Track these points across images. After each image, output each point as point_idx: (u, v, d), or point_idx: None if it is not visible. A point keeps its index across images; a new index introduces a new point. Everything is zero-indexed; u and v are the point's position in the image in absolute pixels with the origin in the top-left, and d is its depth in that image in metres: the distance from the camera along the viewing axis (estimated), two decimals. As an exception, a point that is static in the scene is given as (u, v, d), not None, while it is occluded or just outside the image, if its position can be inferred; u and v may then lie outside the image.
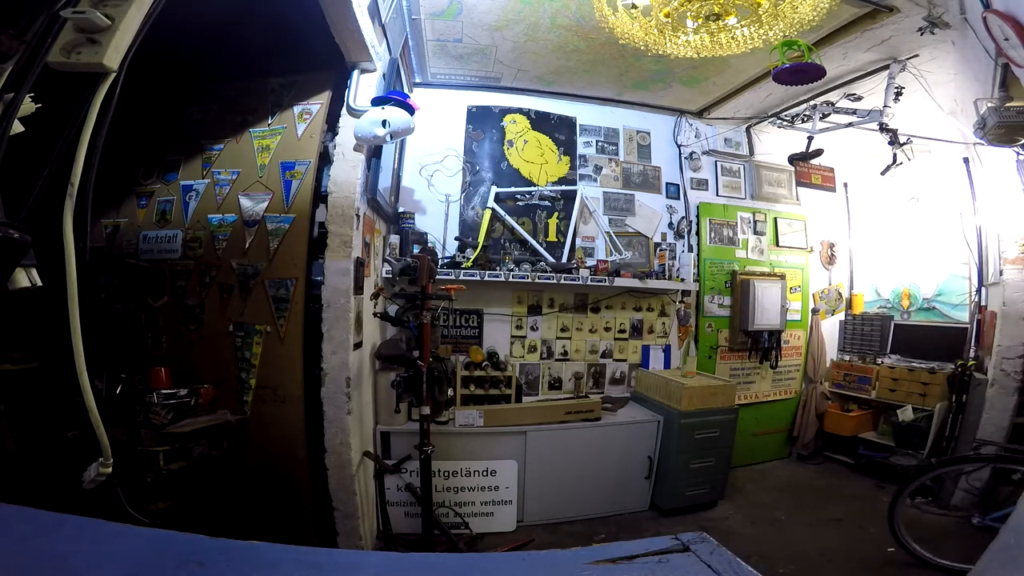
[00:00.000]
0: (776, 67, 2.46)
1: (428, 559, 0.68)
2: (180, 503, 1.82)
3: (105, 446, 0.98)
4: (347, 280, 2.16)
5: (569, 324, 3.47)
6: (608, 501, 2.99)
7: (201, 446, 1.93)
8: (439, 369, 2.21)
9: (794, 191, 4.11)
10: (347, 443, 2.17)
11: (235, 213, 2.23)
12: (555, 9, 2.46)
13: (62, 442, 1.65)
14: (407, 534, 2.62)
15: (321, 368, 2.14)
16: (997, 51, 1.84)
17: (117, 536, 0.50)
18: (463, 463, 2.77)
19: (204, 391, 2.05)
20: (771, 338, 3.85)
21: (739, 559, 0.52)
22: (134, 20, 0.89)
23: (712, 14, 1.87)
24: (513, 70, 3.17)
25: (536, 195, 3.41)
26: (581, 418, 2.97)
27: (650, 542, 0.55)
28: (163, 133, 2.39)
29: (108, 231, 2.33)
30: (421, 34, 2.76)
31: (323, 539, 2.22)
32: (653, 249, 3.65)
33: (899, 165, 3.19)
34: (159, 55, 1.52)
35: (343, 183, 2.18)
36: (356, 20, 1.89)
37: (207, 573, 0.45)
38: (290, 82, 2.32)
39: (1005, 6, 1.65)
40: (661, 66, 3.04)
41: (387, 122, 2.10)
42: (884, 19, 2.36)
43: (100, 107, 0.87)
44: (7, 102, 0.81)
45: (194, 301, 2.21)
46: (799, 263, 4.11)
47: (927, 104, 2.97)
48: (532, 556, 0.55)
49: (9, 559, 0.44)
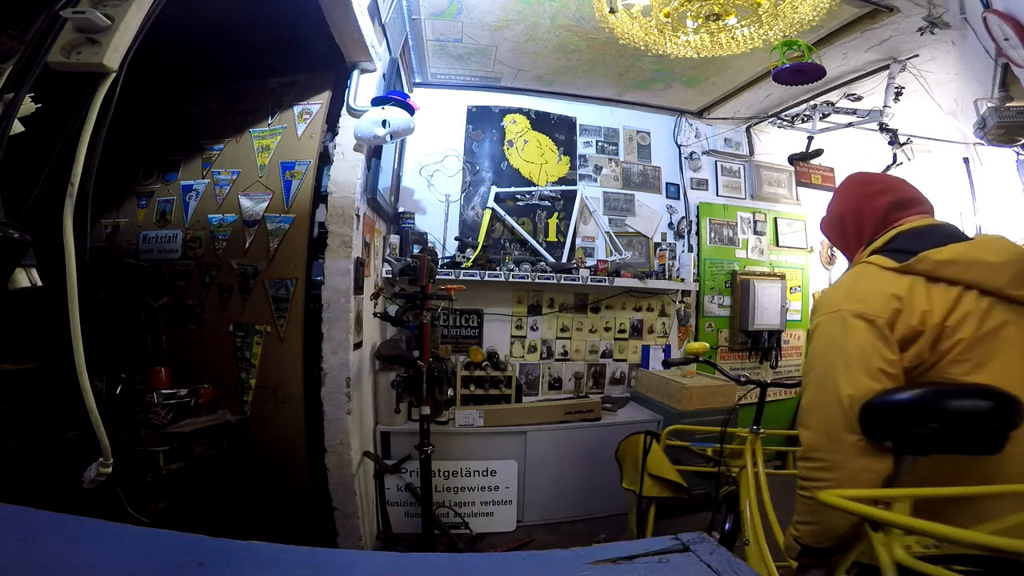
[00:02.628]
0: (776, 67, 2.46)
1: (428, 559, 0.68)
2: (180, 503, 1.82)
3: (105, 446, 0.98)
4: (347, 280, 2.16)
5: (569, 324, 3.47)
6: (608, 501, 2.98)
7: (201, 446, 1.92)
8: (439, 369, 2.21)
9: (794, 191, 4.11)
10: (347, 443, 2.17)
11: (235, 213, 2.23)
12: (555, 9, 2.46)
13: (62, 442, 1.65)
14: (407, 534, 2.62)
15: (321, 368, 2.14)
16: (997, 51, 1.84)
17: (117, 536, 0.50)
18: (463, 463, 2.77)
19: (204, 391, 2.05)
20: (771, 338, 3.85)
21: (739, 559, 0.52)
22: (134, 20, 0.89)
23: (712, 14, 1.87)
24: (513, 70, 3.17)
25: (536, 195, 3.41)
26: (581, 418, 2.97)
27: (650, 542, 0.55)
28: (163, 133, 2.38)
29: (108, 231, 2.33)
30: (421, 34, 2.76)
31: (323, 539, 2.22)
32: (653, 249, 3.65)
33: (899, 165, 3.19)
34: (159, 55, 1.52)
35: (343, 183, 2.18)
36: (356, 20, 1.89)
37: (207, 573, 0.45)
38: (290, 82, 2.32)
39: (1005, 6, 1.65)
40: (661, 66, 3.04)
41: (387, 122, 2.10)
42: (884, 19, 2.36)
43: (100, 107, 0.86)
44: (7, 102, 0.81)
45: (194, 301, 2.21)
46: (799, 263, 4.11)
47: (927, 104, 2.97)
48: (532, 556, 0.55)
49: (9, 559, 0.44)
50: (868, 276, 1.09)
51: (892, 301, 1.00)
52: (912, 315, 0.98)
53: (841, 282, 1.17)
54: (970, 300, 0.98)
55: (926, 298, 0.99)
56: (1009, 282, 0.98)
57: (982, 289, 0.99)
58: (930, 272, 1.01)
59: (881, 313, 0.99)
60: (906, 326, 0.98)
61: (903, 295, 1.00)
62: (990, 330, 0.97)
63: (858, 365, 0.98)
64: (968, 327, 0.97)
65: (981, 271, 0.99)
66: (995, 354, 0.96)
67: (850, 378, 0.98)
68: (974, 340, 0.96)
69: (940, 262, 1.01)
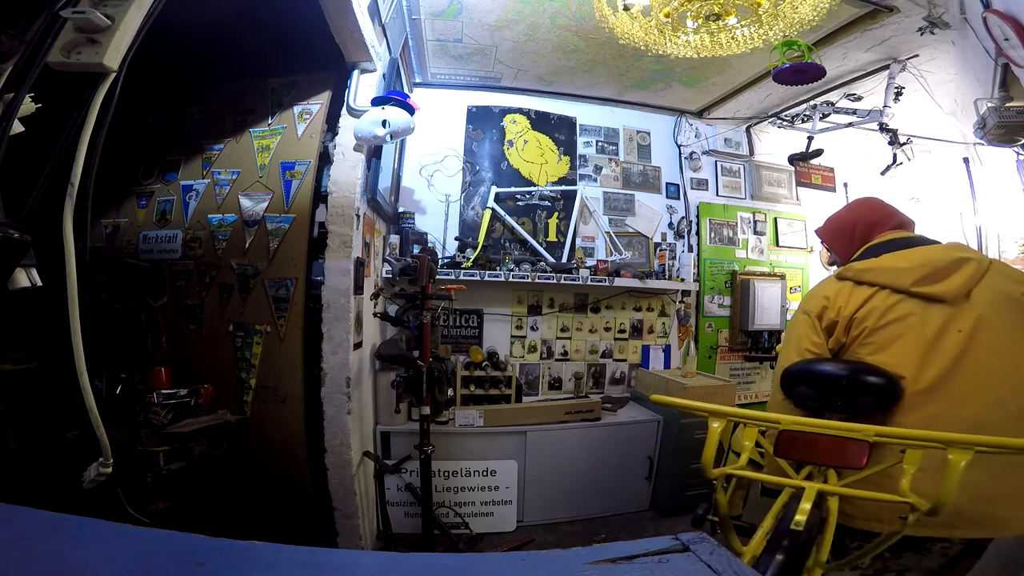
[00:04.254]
0: (776, 67, 2.46)
1: (428, 559, 0.68)
2: (180, 503, 1.82)
3: (105, 446, 0.98)
4: (347, 280, 2.16)
5: (569, 324, 3.47)
6: (608, 501, 2.98)
7: (201, 446, 1.92)
8: (439, 369, 2.20)
9: (794, 191, 4.11)
10: (347, 443, 2.17)
11: (235, 213, 2.23)
12: (555, 9, 2.46)
13: (62, 442, 1.65)
14: (407, 534, 2.62)
15: (321, 368, 2.14)
16: (997, 51, 1.84)
17: (117, 536, 0.50)
18: (463, 463, 2.77)
19: (204, 391, 2.05)
20: (771, 338, 3.85)
21: (739, 559, 0.52)
22: (134, 20, 0.89)
23: (712, 14, 1.87)
24: (513, 70, 3.17)
25: (536, 195, 3.41)
26: (581, 418, 2.97)
27: (650, 542, 0.55)
28: (163, 133, 2.38)
29: (108, 231, 2.33)
30: (421, 34, 2.76)
31: (323, 539, 2.22)
32: (653, 249, 3.65)
33: (899, 165, 3.19)
34: (159, 55, 1.52)
35: (343, 183, 2.18)
36: (356, 20, 1.89)
37: (207, 573, 0.45)
38: (290, 82, 2.32)
39: (1005, 6, 1.65)
40: (661, 66, 3.04)
41: (387, 122, 2.10)
42: (884, 19, 2.36)
43: (100, 107, 0.86)
44: (7, 102, 0.81)
45: (194, 301, 2.21)
46: (799, 263, 4.11)
47: (927, 104, 2.97)
48: (532, 556, 0.55)
49: (9, 559, 0.44)
50: (823, 283, 1.47)
51: (822, 300, 1.39)
52: (832, 310, 1.35)
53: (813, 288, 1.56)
54: (880, 297, 1.29)
55: (847, 297, 1.34)
56: (913, 283, 1.26)
57: (893, 288, 1.28)
58: (854, 278, 1.36)
59: (814, 309, 1.39)
60: (828, 318, 1.36)
61: (830, 295, 1.37)
62: (893, 319, 1.26)
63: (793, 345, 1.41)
64: (872, 318, 1.28)
65: (890, 275, 1.30)
66: (897, 338, 1.24)
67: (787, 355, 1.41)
68: (875, 328, 1.27)
69: (860, 270, 1.36)
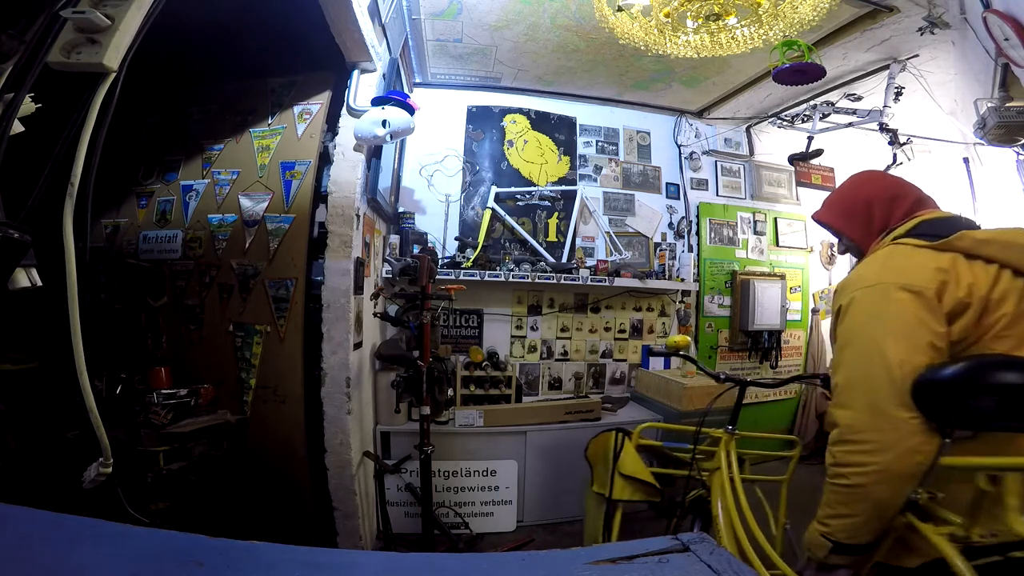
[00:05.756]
0: (776, 67, 2.46)
1: (428, 559, 0.68)
2: (180, 503, 1.82)
3: (105, 446, 0.98)
4: (347, 280, 2.16)
5: (569, 324, 3.47)
6: (608, 501, 2.98)
7: (201, 446, 1.92)
8: (439, 369, 2.20)
9: (794, 191, 4.11)
10: (347, 443, 2.17)
11: (235, 213, 2.23)
12: (555, 9, 2.46)
13: (62, 442, 1.65)
14: (407, 534, 2.62)
15: (321, 368, 2.14)
16: (997, 51, 1.84)
17: (117, 536, 0.50)
18: (463, 463, 2.77)
19: (204, 391, 2.05)
20: (771, 338, 3.85)
21: (739, 559, 0.52)
22: (134, 20, 0.89)
23: (712, 14, 1.87)
24: (513, 70, 3.17)
25: (536, 195, 3.41)
26: (581, 418, 2.97)
27: (650, 542, 0.55)
28: (163, 133, 2.38)
29: (108, 231, 2.33)
30: (421, 34, 2.76)
31: (323, 539, 2.22)
32: (653, 249, 3.65)
33: (899, 165, 3.19)
34: (159, 55, 1.52)
35: (343, 183, 2.18)
36: (356, 20, 1.89)
37: (207, 573, 0.45)
38: (290, 82, 2.32)
39: (1005, 6, 1.65)
40: (661, 66, 3.04)
41: (387, 122, 2.10)
42: (884, 19, 2.36)
43: (100, 107, 0.86)
44: (7, 102, 0.81)
45: (194, 301, 2.21)
46: (799, 263, 4.11)
47: (927, 104, 2.97)
48: (532, 556, 0.55)
49: (9, 559, 0.44)
50: (903, 254, 1.05)
51: (938, 274, 0.97)
52: (959, 287, 0.96)
53: (870, 262, 1.11)
54: (1007, 278, 0.97)
55: (969, 271, 0.97)
56: None
57: (1015, 270, 0.98)
58: (969, 249, 0.99)
59: (929, 284, 0.96)
60: (954, 298, 0.95)
61: (948, 268, 0.98)
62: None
63: (904, 339, 0.94)
64: (1010, 303, 0.95)
65: (1016, 252, 0.98)
66: None
67: (898, 350, 0.93)
68: (1016, 316, 0.94)
69: (980, 240, 0.99)
